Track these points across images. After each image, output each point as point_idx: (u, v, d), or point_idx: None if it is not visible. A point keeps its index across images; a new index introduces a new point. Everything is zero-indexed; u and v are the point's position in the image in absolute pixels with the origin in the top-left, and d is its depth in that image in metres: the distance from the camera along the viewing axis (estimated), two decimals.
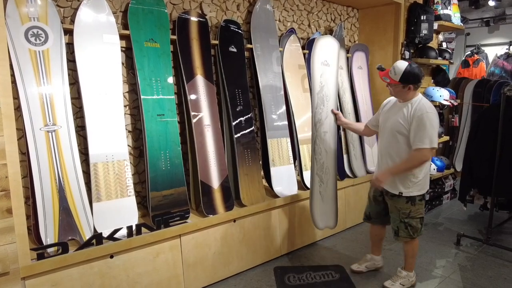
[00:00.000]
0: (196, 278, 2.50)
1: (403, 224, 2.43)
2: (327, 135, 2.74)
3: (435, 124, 2.27)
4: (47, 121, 2.10)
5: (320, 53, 2.69)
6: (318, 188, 2.77)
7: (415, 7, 3.82)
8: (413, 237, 2.44)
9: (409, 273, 2.57)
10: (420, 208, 2.43)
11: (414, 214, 2.41)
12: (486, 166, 3.15)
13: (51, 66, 2.13)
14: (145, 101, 2.42)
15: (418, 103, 2.32)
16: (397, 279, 2.56)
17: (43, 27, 2.10)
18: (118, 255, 2.16)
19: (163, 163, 2.47)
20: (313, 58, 2.68)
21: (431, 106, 2.33)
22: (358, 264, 2.82)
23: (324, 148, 2.75)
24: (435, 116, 2.28)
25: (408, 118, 2.30)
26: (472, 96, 4.73)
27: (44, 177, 2.06)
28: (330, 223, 2.88)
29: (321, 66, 2.70)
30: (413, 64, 2.33)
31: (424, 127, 2.24)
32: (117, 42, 2.38)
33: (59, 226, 2.09)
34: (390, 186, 2.43)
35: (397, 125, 2.36)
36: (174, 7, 2.73)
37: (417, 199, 2.40)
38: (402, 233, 2.45)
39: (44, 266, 1.91)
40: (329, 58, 2.73)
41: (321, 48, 2.71)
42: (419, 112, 2.27)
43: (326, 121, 2.74)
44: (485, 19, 6.52)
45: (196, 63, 2.69)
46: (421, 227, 2.46)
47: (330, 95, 2.75)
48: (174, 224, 2.38)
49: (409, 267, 2.57)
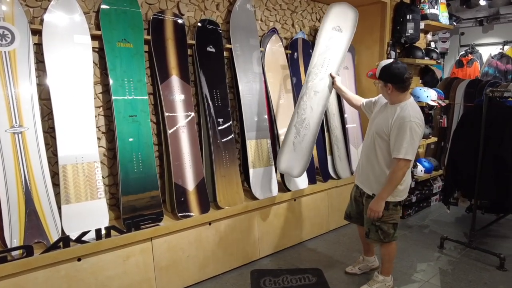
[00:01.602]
0: (169, 282, 2.47)
1: (373, 227, 2.39)
2: (318, 95, 2.75)
3: (417, 134, 2.16)
4: (13, 123, 2.07)
5: (335, 18, 2.76)
6: (292, 139, 2.79)
7: (401, 6, 3.77)
8: (384, 241, 2.39)
9: (386, 278, 2.52)
10: (394, 214, 2.37)
11: (385, 219, 2.35)
12: (469, 168, 3.10)
13: (18, 67, 2.10)
14: (116, 102, 2.39)
15: (404, 109, 2.21)
16: (374, 283, 2.52)
17: (9, 27, 2.08)
18: (86, 258, 2.14)
19: (135, 165, 2.44)
20: (325, 21, 2.77)
21: (417, 114, 2.21)
22: (352, 266, 2.81)
23: (310, 105, 2.76)
24: (418, 127, 2.16)
25: (391, 123, 2.22)
26: (463, 96, 4.67)
27: (9, 178, 2.04)
28: (293, 171, 2.84)
29: (332, 31, 2.77)
30: (399, 63, 2.25)
31: (403, 136, 2.15)
32: (89, 42, 2.35)
33: (25, 228, 2.07)
34: (366, 186, 2.43)
35: (379, 128, 2.30)
36: (150, 7, 2.70)
37: (391, 205, 2.34)
38: (373, 235, 2.41)
39: (7, 269, 1.89)
40: (343, 25, 2.76)
41: (337, 14, 2.77)
42: (402, 119, 2.17)
43: (320, 83, 2.76)
44: (479, 19, 6.45)
45: (171, 63, 2.66)
46: (394, 232, 2.39)
47: (333, 58, 2.76)
48: (145, 227, 2.35)
49: (385, 271, 2.52)
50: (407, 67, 2.27)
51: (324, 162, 3.55)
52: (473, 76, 6.27)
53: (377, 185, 2.35)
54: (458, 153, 3.20)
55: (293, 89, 3.40)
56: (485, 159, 2.99)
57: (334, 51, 2.76)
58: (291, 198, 3.15)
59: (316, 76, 2.74)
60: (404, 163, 2.18)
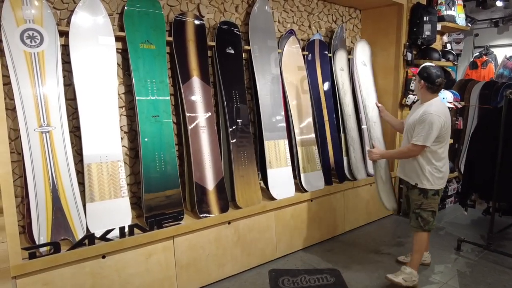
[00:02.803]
0: (189, 280, 2.51)
1: (414, 215, 2.60)
2: (375, 125, 3.11)
3: (435, 126, 2.39)
4: (41, 122, 2.12)
5: (361, 53, 3.19)
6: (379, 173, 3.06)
7: (417, 8, 3.76)
8: (424, 228, 2.58)
9: (413, 271, 2.61)
10: (432, 202, 2.55)
11: (425, 207, 2.55)
12: (487, 171, 3.09)
13: (46, 67, 2.15)
14: (139, 102, 2.44)
15: (430, 104, 2.48)
16: (400, 274, 2.62)
17: (38, 29, 2.13)
18: (110, 256, 2.18)
19: (157, 164, 2.48)
20: (355, 57, 3.25)
21: (440, 109, 2.45)
22: (405, 256, 2.97)
23: (376, 136, 3.11)
24: (437, 119, 2.39)
25: (417, 118, 2.48)
26: (478, 98, 4.64)
27: (37, 177, 2.09)
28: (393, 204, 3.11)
29: (361, 65, 3.22)
30: (438, 68, 2.51)
31: (423, 125, 2.41)
32: (113, 43, 2.39)
33: (52, 225, 2.12)
34: (408, 177, 2.65)
35: (411, 123, 2.55)
36: (171, 8, 2.74)
37: (429, 193, 2.53)
38: (413, 222, 2.62)
39: (35, 265, 1.94)
40: (366, 60, 3.19)
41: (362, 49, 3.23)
42: (424, 113, 2.44)
43: (373, 113, 3.18)
44: (494, 20, 6.39)
45: (192, 65, 2.69)
46: (433, 221, 2.58)
47: (371, 88, 3.20)
48: (167, 225, 2.39)
49: (414, 263, 2.63)
50: (443, 74, 2.52)
51: (340, 163, 3.55)
52: (488, 78, 6.20)
53: (414, 175, 2.57)
54: (476, 155, 3.19)
55: (310, 90, 3.41)
56: (504, 161, 2.97)
57: (368, 84, 3.16)
58: (308, 198, 3.16)
59: (368, 108, 3.16)
60: (417, 148, 2.45)
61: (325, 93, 3.55)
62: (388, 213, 4.05)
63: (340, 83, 3.66)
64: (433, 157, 2.49)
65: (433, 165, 2.50)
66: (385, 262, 2.98)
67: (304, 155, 3.25)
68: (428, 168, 2.51)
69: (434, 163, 2.50)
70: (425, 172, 2.51)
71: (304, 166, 3.22)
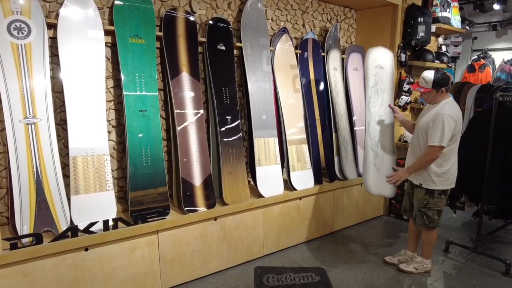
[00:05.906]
0: (173, 275, 2.51)
1: (419, 213, 2.65)
2: (384, 120, 3.11)
3: (449, 125, 2.43)
4: (27, 114, 2.12)
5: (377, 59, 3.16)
6: (373, 161, 3.07)
7: (412, 9, 3.76)
8: (429, 226, 2.64)
9: (424, 260, 2.77)
10: (439, 202, 2.60)
11: (431, 206, 2.61)
12: (476, 173, 3.09)
13: (33, 59, 2.15)
14: (127, 97, 2.44)
15: (443, 105, 2.51)
16: (411, 263, 2.73)
17: (26, 21, 2.13)
18: (93, 248, 2.18)
19: (143, 159, 2.48)
20: (368, 62, 3.15)
21: (453, 109, 2.49)
22: (392, 257, 2.99)
23: (379, 129, 3.09)
24: (451, 119, 2.44)
25: (432, 117, 2.51)
26: (474, 101, 4.63)
27: (21, 168, 2.09)
28: (386, 192, 3.09)
29: (375, 69, 3.15)
30: (439, 71, 2.56)
31: (437, 126, 2.44)
32: (102, 37, 2.39)
33: (35, 217, 2.12)
34: (413, 177, 2.68)
35: (423, 124, 2.58)
36: (163, 4, 2.74)
37: (436, 193, 2.58)
38: (418, 220, 2.67)
39: (15, 256, 1.94)
40: (384, 63, 3.18)
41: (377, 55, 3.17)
42: (437, 112, 2.48)
43: (381, 109, 3.12)
44: (492, 23, 6.38)
45: (182, 60, 2.70)
46: (438, 219, 2.64)
47: (384, 89, 3.16)
48: (151, 220, 2.39)
49: (425, 254, 2.77)
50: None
51: (331, 163, 3.55)
52: (485, 81, 6.19)
53: (421, 176, 2.61)
54: (466, 157, 3.18)
55: (302, 89, 3.41)
56: (493, 164, 2.97)
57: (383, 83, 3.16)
58: (297, 197, 3.16)
59: (375, 104, 3.12)
60: (435, 149, 2.47)
61: (318, 92, 3.55)
62: (379, 213, 4.06)
63: (333, 83, 3.66)
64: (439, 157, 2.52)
65: (439, 167, 2.53)
66: (372, 262, 2.98)
67: (294, 154, 3.25)
68: (433, 169, 2.54)
69: (440, 163, 2.53)
70: (430, 173, 2.55)
71: (294, 165, 3.22)
